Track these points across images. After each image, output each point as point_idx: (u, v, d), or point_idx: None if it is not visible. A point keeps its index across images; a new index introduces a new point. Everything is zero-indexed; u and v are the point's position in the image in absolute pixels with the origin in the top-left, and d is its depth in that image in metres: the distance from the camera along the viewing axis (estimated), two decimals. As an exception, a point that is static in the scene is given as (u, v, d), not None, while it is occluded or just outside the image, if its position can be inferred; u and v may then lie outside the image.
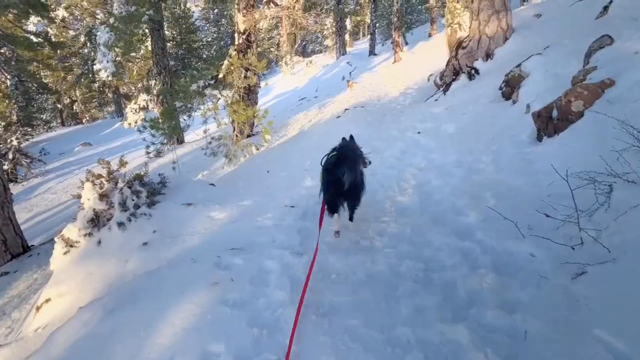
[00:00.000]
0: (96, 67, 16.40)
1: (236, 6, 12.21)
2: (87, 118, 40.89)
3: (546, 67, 6.40)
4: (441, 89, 10.66)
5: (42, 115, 35.20)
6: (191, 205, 5.45)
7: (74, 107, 38.89)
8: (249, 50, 12.05)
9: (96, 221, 5.35)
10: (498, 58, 9.17)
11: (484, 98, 7.64)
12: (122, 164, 5.76)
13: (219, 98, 10.73)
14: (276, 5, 13.16)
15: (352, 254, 3.64)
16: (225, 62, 11.27)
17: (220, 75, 11.02)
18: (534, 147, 4.91)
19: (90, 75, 29.69)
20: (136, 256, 4.86)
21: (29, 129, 28.64)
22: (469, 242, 3.53)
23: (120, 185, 5.44)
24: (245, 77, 11.39)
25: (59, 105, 37.84)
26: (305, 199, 5.26)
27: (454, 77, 10.20)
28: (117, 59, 17.43)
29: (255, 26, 12.10)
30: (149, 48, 17.97)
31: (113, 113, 38.76)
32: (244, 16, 11.86)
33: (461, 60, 9.96)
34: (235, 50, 11.76)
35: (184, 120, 13.26)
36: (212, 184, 6.86)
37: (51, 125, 36.59)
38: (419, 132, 7.62)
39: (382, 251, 3.65)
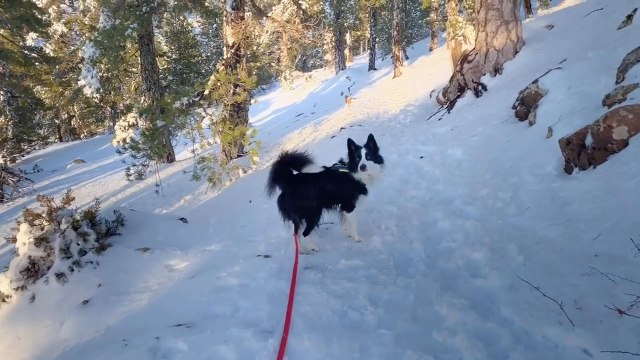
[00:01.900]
0: (80, 82, 15.57)
1: (224, 18, 11.46)
2: (85, 133, 40.34)
3: (569, 83, 5.53)
4: (445, 106, 9.80)
5: (39, 131, 34.74)
6: (147, 251, 4.53)
7: (72, 122, 38.33)
8: (238, 64, 11.27)
9: (32, 271, 4.42)
10: (508, 73, 8.33)
11: (494, 118, 6.76)
12: (68, 200, 4.84)
13: (204, 116, 9.86)
14: (267, 17, 12.40)
15: (336, 335, 2.69)
16: (212, 77, 10.44)
17: (206, 92, 10.17)
18: (563, 182, 4.00)
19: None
20: (73, 319, 3.92)
21: (24, 145, 28.04)
22: (493, 323, 2.59)
23: (63, 226, 4.52)
24: (234, 93, 10.55)
25: (56, 121, 37.29)
26: (285, 244, 4.32)
27: (458, 93, 9.35)
28: (103, 74, 16.61)
29: (244, 39, 11.30)
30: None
31: (111, 128, 38.08)
32: (232, 28, 11.08)
33: (467, 75, 9.10)
34: (223, 64, 10.96)
35: (171, 138, 12.47)
36: (182, 219, 5.94)
37: (48, 141, 36.06)
38: (421, 157, 6.71)
39: (376, 332, 2.70)
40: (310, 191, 3.90)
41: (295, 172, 3.99)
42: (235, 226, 5.68)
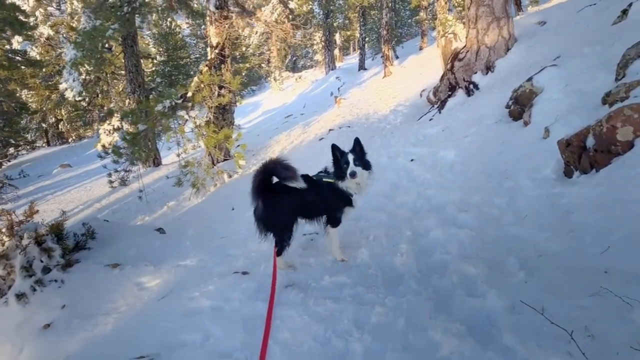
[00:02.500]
0: (62, 86, 15.12)
1: (208, 18, 11.12)
2: (73, 137, 39.74)
3: (565, 80, 5.26)
4: (436, 106, 9.53)
5: (26, 135, 34.22)
6: (118, 267, 4.18)
7: (60, 126, 37.72)
8: (222, 65, 10.93)
9: (-9, 291, 4.06)
10: (500, 71, 8.06)
11: (487, 118, 6.48)
12: (31, 212, 4.49)
13: (186, 119, 9.50)
14: (251, 16, 12.07)
15: (317, 368, 2.39)
16: (195, 78, 10.09)
17: (189, 94, 9.81)
18: (563, 187, 3.71)
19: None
20: (33, 344, 3.57)
21: (10, 150, 27.45)
22: (493, 353, 2.28)
23: (25, 241, 4.16)
24: (218, 95, 10.21)
25: (43, 125, 36.69)
26: (265, 258, 3.97)
27: (449, 92, 9.07)
28: (86, 77, 16.16)
29: (229, 39, 10.96)
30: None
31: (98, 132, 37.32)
32: (216, 28, 10.74)
33: (458, 74, 8.84)
34: (206, 65, 10.61)
35: (157, 142, 12.09)
36: (159, 229, 5.58)
37: (35, 145, 35.50)
38: (412, 160, 6.43)
39: (362, 364, 2.40)
40: (288, 205, 3.56)
41: (275, 181, 3.63)
42: (214, 237, 5.32)
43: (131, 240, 4.95)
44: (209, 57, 11.12)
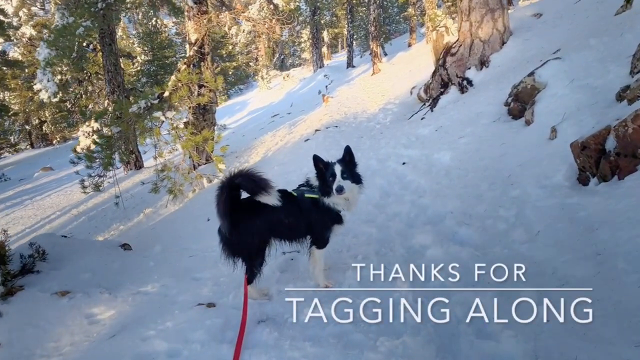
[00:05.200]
0: (36, 87, 14.40)
1: (186, 13, 10.51)
2: (58, 139, 38.86)
3: (571, 75, 4.79)
4: (427, 104, 9.05)
5: (9, 137, 33.44)
6: (67, 295, 3.60)
7: (44, 128, 36.82)
8: (202, 63, 10.33)
9: None
10: (495, 66, 7.60)
11: (484, 117, 6.00)
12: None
13: (163, 121, 8.89)
14: (230, 10, 11.49)
15: None
16: (172, 77, 9.48)
17: (166, 94, 9.20)
18: (580, 197, 3.21)
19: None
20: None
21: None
22: None
23: (-43, 267, 3.58)
24: (198, 94, 9.64)
25: (27, 127, 35.82)
26: (235, 285, 3.36)
27: (442, 89, 8.59)
28: (62, 77, 15.44)
29: (209, 35, 10.38)
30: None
31: (84, 133, 36.30)
32: (195, 24, 10.15)
33: (450, 70, 8.35)
34: (185, 63, 10.01)
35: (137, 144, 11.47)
36: (125, 245, 5.01)
37: (18, 147, 34.69)
38: (404, 163, 5.92)
39: None
40: (259, 225, 3.02)
41: (245, 197, 3.07)
42: (182, 256, 4.73)
43: (89, 260, 4.35)
44: (187, 55, 10.53)
